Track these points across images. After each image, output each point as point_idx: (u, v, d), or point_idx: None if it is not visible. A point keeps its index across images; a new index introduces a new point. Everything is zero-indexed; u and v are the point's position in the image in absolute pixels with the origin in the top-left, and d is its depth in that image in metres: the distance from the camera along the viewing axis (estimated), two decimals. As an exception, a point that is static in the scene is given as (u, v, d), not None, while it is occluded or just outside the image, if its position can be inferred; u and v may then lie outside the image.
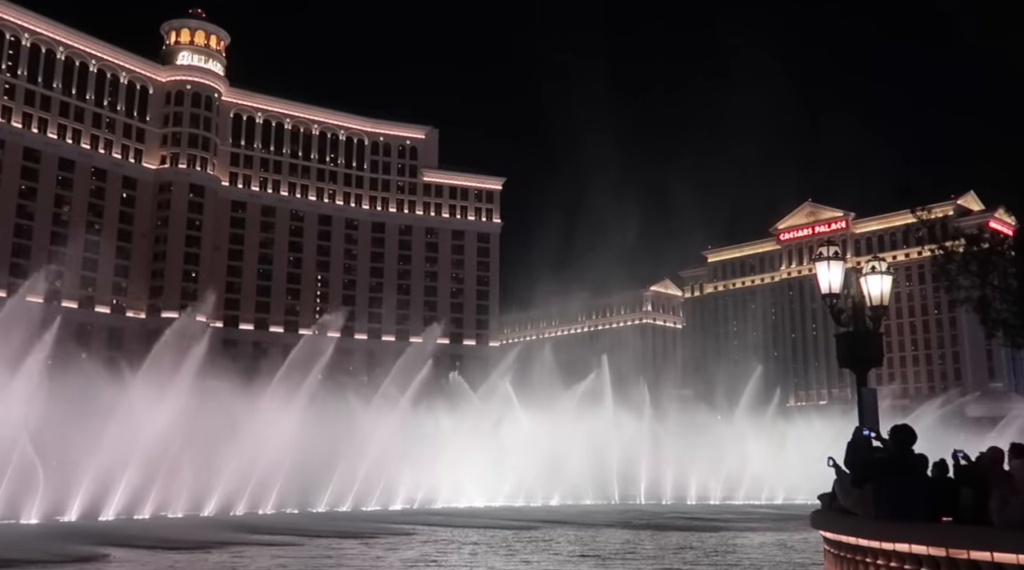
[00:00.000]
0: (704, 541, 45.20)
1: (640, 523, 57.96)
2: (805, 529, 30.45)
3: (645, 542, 45.04)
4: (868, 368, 18.80)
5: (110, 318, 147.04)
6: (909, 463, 13.65)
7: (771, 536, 47.94)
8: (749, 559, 36.77)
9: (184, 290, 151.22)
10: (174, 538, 43.32)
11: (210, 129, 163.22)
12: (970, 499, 12.56)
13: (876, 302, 19.07)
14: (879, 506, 13.31)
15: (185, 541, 42.33)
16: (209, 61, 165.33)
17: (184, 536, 44.29)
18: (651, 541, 45.64)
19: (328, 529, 51.37)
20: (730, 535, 48.36)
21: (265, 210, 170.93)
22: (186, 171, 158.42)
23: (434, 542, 44.81)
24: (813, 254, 71.56)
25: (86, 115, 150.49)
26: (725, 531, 50.87)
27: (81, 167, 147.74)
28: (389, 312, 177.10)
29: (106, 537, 42.69)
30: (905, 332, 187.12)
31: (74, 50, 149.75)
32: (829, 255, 19.78)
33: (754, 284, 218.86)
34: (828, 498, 16.26)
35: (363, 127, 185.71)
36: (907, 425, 14.17)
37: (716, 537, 47.62)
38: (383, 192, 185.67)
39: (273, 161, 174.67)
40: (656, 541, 45.59)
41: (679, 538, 46.88)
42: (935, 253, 24.98)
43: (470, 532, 50.56)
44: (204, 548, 40.08)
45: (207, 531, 47.55)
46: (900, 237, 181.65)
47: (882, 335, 19.50)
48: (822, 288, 19.66)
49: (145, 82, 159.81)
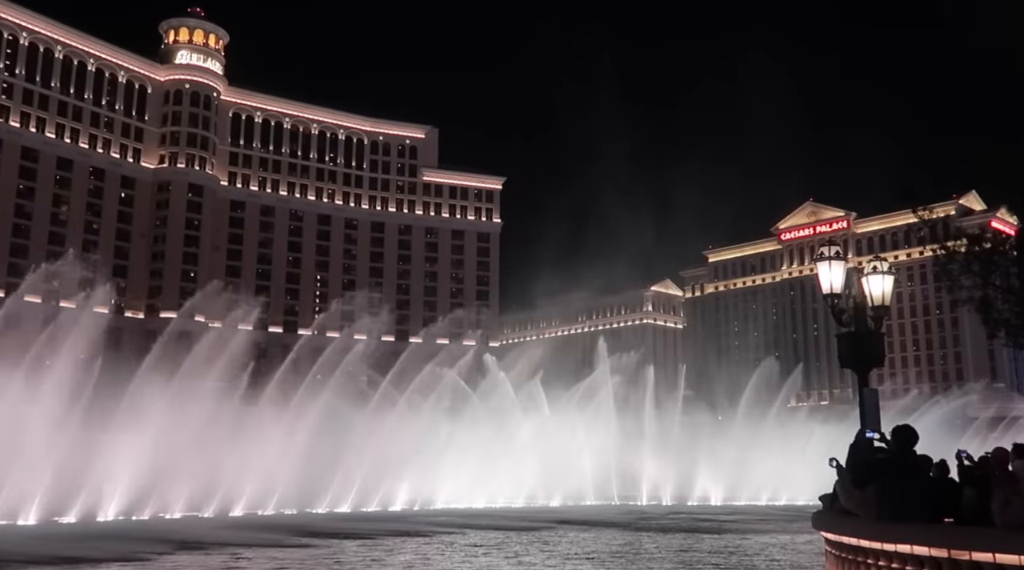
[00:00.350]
0: (706, 542, 45.22)
1: (645, 525, 57.91)
2: (808, 530, 30.47)
3: (646, 543, 45.06)
4: (870, 368, 18.83)
5: (108, 319, 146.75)
6: (911, 464, 13.67)
7: (774, 538, 47.94)
8: (751, 561, 36.80)
9: (183, 290, 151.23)
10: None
11: (209, 128, 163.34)
12: (972, 500, 12.57)
13: (878, 302, 19.10)
14: (881, 507, 13.33)
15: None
16: (208, 60, 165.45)
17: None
18: (651, 542, 45.67)
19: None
20: (734, 537, 48.35)
21: (264, 210, 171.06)
22: (185, 171, 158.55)
23: (445, 543, 44.79)
24: (814, 254, 71.50)
25: (84, 114, 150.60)
26: (729, 534, 50.86)
27: (79, 167, 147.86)
28: (388, 312, 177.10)
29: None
30: (907, 332, 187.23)
31: (72, 49, 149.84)
32: (830, 255, 19.82)
33: (755, 284, 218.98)
34: (830, 499, 16.28)
35: (362, 126, 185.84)
36: (909, 425, 14.19)
37: (719, 538, 47.63)
38: (383, 192, 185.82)
39: (272, 161, 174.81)
40: (657, 542, 45.61)
41: (681, 540, 46.89)
42: (937, 253, 25.01)
43: (472, 533, 50.54)
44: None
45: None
46: (902, 237, 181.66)
47: (883, 335, 19.54)
48: (823, 288, 19.69)
49: (144, 81, 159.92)
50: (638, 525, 57.64)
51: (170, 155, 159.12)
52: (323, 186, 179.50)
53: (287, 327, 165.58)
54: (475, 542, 45.27)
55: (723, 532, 52.10)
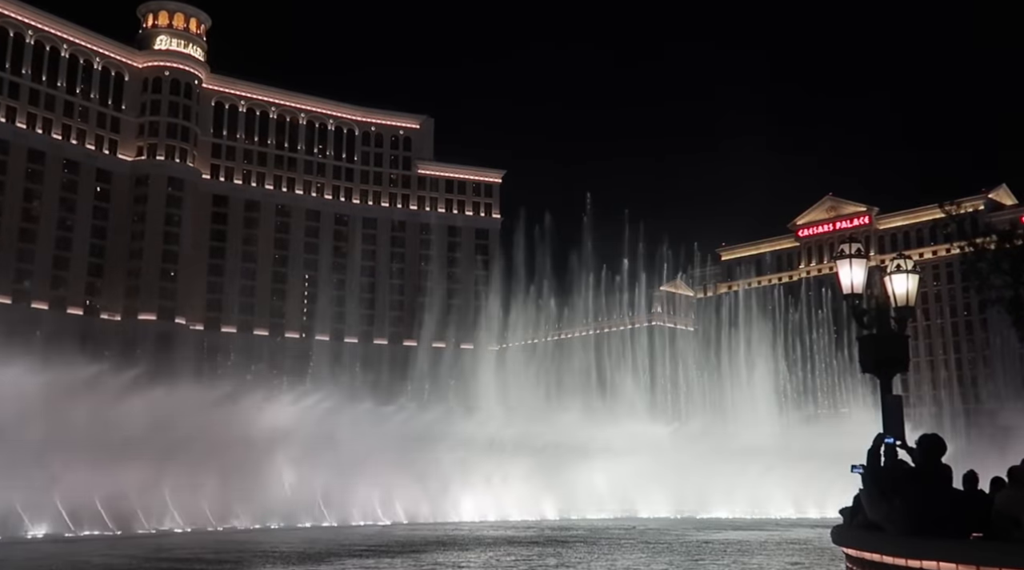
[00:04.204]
0: (720, 561, 45.11)
1: (661, 544, 57.75)
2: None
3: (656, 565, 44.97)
4: (893, 373, 18.75)
5: (82, 321, 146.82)
6: (937, 475, 13.61)
7: (793, 558, 47.83)
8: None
9: (162, 290, 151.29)
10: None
11: (190, 118, 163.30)
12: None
13: (901, 303, 19.03)
14: (905, 521, 13.27)
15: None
16: (189, 46, 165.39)
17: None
18: (662, 561, 45.58)
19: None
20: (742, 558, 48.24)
21: (249, 205, 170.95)
22: (164, 163, 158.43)
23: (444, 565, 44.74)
24: (834, 252, 71.34)
25: (57, 103, 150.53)
26: (741, 556, 50.68)
27: (52, 159, 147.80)
28: (382, 314, 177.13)
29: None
30: (933, 335, 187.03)
31: (44, 34, 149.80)
32: (851, 253, 19.74)
33: (771, 283, 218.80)
34: (850, 512, 16.19)
35: (354, 116, 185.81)
36: (935, 435, 14.13)
37: (729, 561, 47.51)
38: (375, 186, 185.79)
39: (257, 153, 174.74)
40: (668, 560, 45.52)
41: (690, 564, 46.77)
42: (965, 250, 24.97)
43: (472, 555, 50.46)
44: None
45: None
46: (927, 233, 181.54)
47: (908, 338, 19.48)
48: (844, 288, 19.62)
49: (120, 68, 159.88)
50: (655, 543, 57.46)
51: (148, 147, 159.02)
52: (311, 180, 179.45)
53: (273, 330, 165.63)
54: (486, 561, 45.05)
55: (741, 553, 51.96)
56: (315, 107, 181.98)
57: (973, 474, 14.20)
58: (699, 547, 52.54)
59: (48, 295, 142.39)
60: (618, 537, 61.13)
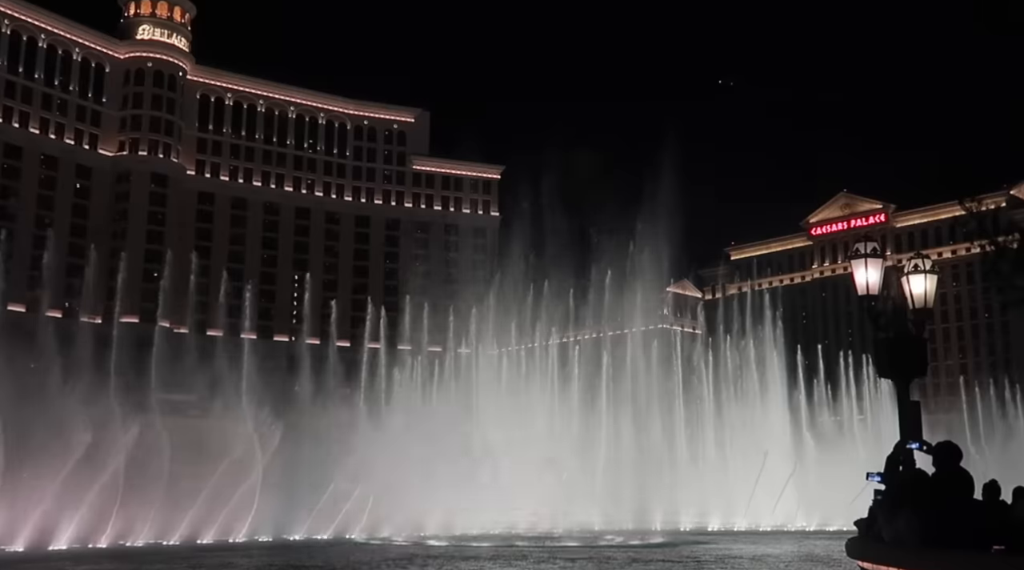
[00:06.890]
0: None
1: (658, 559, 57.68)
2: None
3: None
4: (911, 378, 18.75)
5: (60, 323, 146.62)
6: (952, 483, 13.62)
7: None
8: None
9: (145, 292, 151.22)
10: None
11: (174, 111, 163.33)
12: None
13: (919, 304, 19.05)
14: (917, 531, 13.27)
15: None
16: (172, 35, 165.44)
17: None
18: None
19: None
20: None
21: (236, 202, 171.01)
22: (147, 159, 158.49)
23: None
24: (849, 251, 71.48)
25: (35, 96, 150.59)
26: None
27: (29, 154, 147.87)
28: (374, 316, 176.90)
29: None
30: (952, 338, 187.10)
31: (20, 23, 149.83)
32: (866, 252, 19.75)
33: (782, 284, 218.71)
34: (865, 524, 16.20)
35: (345, 109, 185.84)
36: (950, 441, 14.15)
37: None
38: (368, 182, 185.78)
39: (245, 147, 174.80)
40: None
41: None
42: (986, 249, 24.90)
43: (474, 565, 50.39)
44: None
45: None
46: (946, 231, 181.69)
47: (926, 341, 19.50)
48: (859, 289, 19.64)
49: (101, 59, 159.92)
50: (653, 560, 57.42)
51: (131, 141, 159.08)
52: (301, 176, 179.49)
53: (261, 333, 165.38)
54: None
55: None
56: (305, 100, 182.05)
57: (994, 483, 14.20)
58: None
59: (24, 297, 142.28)
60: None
